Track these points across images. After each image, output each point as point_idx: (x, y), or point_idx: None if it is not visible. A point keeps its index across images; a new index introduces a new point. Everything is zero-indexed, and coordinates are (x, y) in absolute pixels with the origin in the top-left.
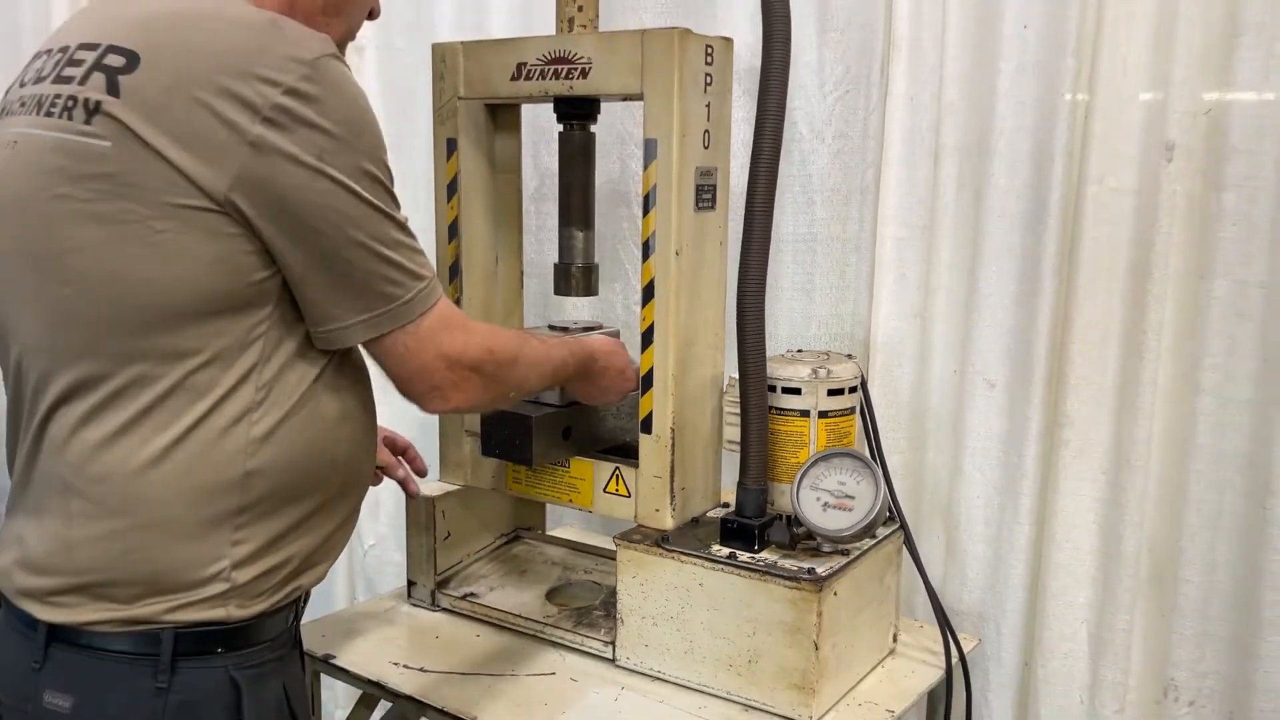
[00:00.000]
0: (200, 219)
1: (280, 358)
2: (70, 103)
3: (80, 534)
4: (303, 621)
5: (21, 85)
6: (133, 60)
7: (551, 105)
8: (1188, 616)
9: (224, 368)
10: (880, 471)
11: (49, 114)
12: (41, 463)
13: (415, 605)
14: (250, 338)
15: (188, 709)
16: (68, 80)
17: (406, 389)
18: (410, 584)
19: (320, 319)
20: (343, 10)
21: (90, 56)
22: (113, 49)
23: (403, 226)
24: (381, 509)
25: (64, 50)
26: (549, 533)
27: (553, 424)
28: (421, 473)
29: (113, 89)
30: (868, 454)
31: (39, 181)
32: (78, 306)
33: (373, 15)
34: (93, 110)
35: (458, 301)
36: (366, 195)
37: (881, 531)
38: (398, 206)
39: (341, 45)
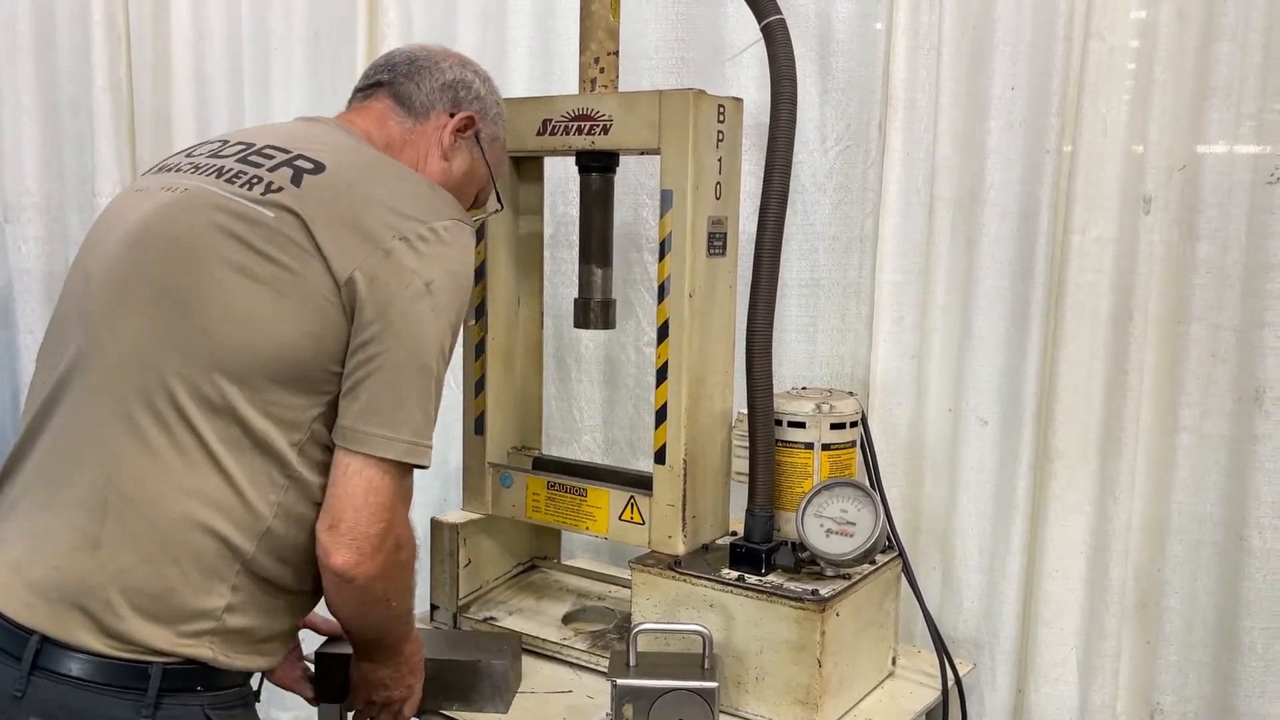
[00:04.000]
0: (315, 296)
1: (319, 447)
2: (254, 180)
3: (112, 532)
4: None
5: (190, 155)
6: (319, 168)
7: (573, 158)
8: (1172, 643)
9: (280, 433)
10: (879, 499)
11: (230, 180)
12: (82, 466)
13: (438, 628)
14: (305, 417)
15: None
16: (255, 165)
17: (347, 521)
18: (433, 607)
19: (352, 413)
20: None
21: (282, 156)
22: (304, 157)
23: (439, 387)
24: None
25: (249, 145)
26: (563, 562)
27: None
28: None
29: (296, 181)
30: (868, 484)
31: (199, 228)
32: (185, 339)
33: (479, 200)
34: (272, 189)
35: (482, 341)
36: (445, 340)
37: (881, 558)
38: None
39: None
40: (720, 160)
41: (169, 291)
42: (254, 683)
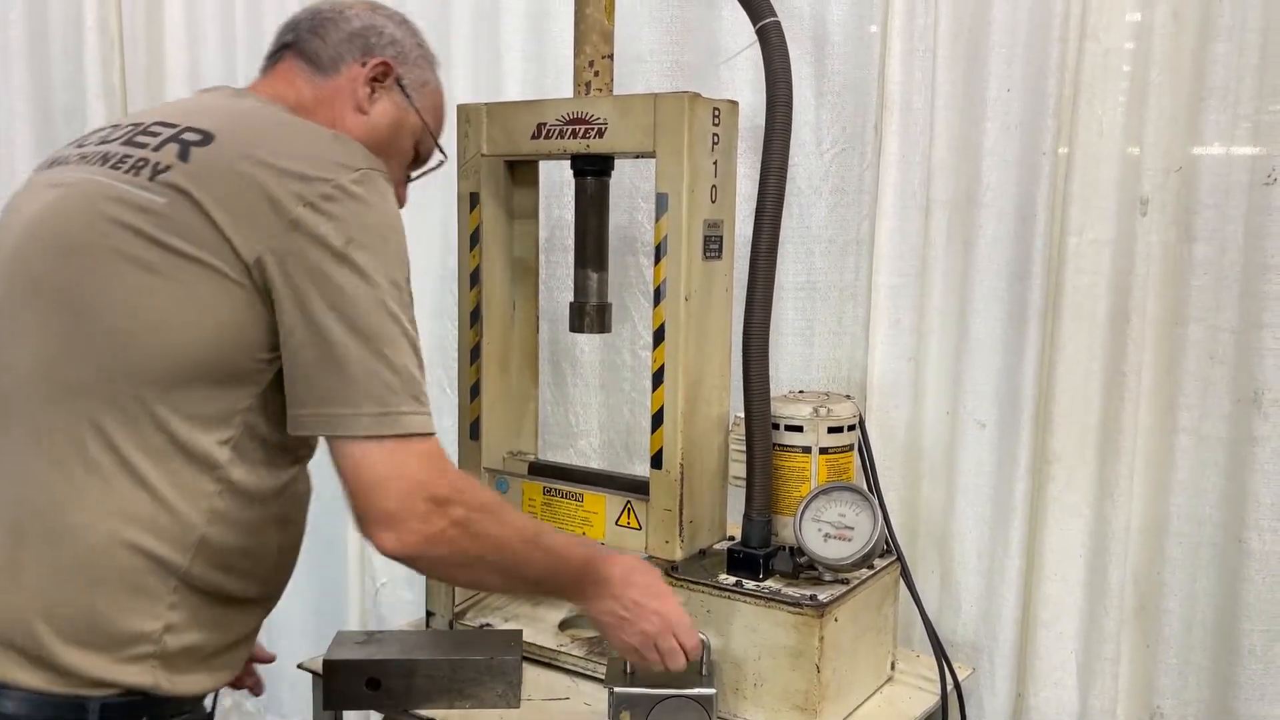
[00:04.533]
0: (225, 283)
1: (254, 442)
2: (140, 163)
3: (31, 557)
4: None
5: (80, 146)
6: (208, 138)
7: (568, 162)
8: (1171, 646)
9: (206, 433)
10: (878, 504)
11: (115, 168)
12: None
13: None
14: (234, 411)
15: None
16: (140, 145)
17: (361, 508)
18: (429, 614)
19: (304, 401)
20: (381, 155)
21: (168, 131)
22: (192, 129)
23: (414, 345)
24: None
25: (137, 125)
26: None
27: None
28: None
29: (184, 156)
30: (865, 488)
31: (89, 223)
32: (90, 345)
33: (420, 154)
34: (160, 170)
35: (477, 347)
36: (383, 297)
37: (879, 563)
38: (413, 326)
39: None
40: (716, 163)
41: (66, 298)
42: (208, 703)
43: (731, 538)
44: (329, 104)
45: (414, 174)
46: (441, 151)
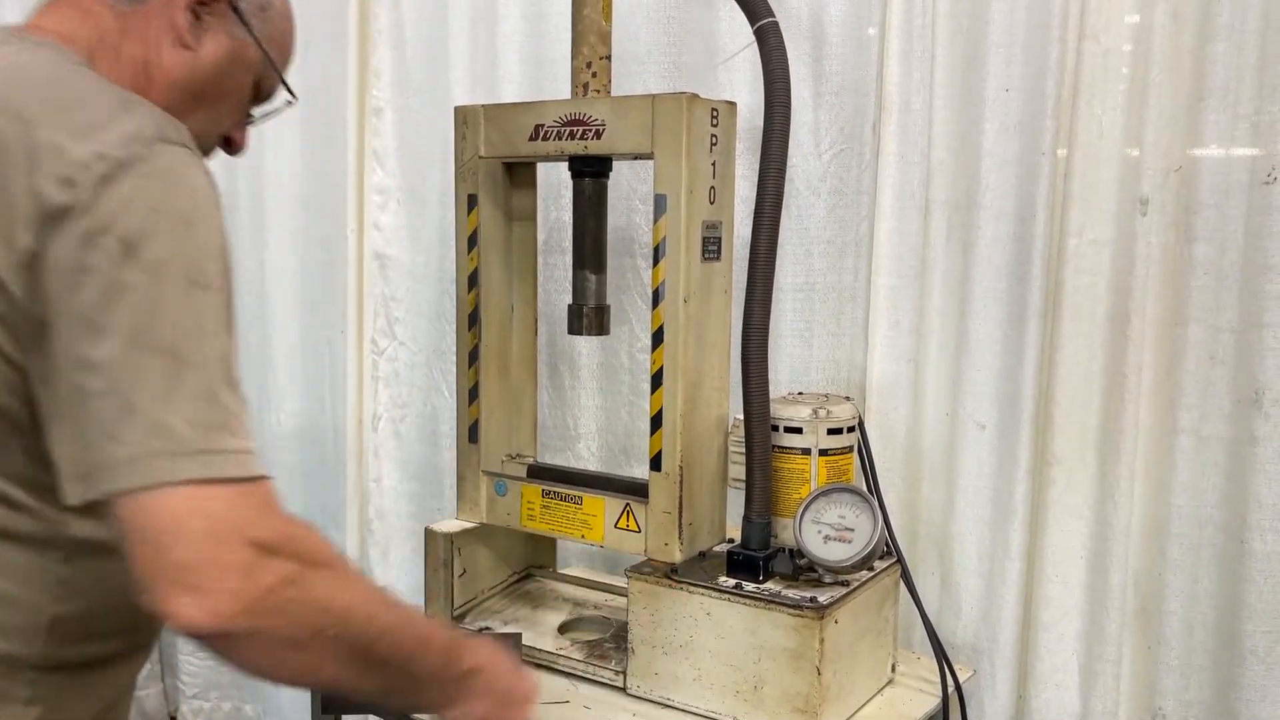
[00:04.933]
0: None
1: None
2: None
3: None
4: None
5: None
6: None
7: (566, 163)
8: (1173, 647)
9: (26, 497)
10: (878, 505)
11: None
12: None
13: None
14: (43, 458)
15: None
16: None
17: (148, 570)
18: None
19: (75, 459)
20: (203, 101)
21: None
22: None
23: (226, 361)
24: (393, 551)
25: None
26: (559, 571)
27: None
28: None
29: None
30: (865, 489)
31: None
32: None
33: (231, 146)
34: None
35: (475, 349)
36: (182, 299)
37: (879, 564)
38: (230, 325)
39: (204, 140)
40: (714, 164)
41: None
42: None
43: (731, 540)
44: (138, 37)
45: (256, 113)
46: (289, 90)
